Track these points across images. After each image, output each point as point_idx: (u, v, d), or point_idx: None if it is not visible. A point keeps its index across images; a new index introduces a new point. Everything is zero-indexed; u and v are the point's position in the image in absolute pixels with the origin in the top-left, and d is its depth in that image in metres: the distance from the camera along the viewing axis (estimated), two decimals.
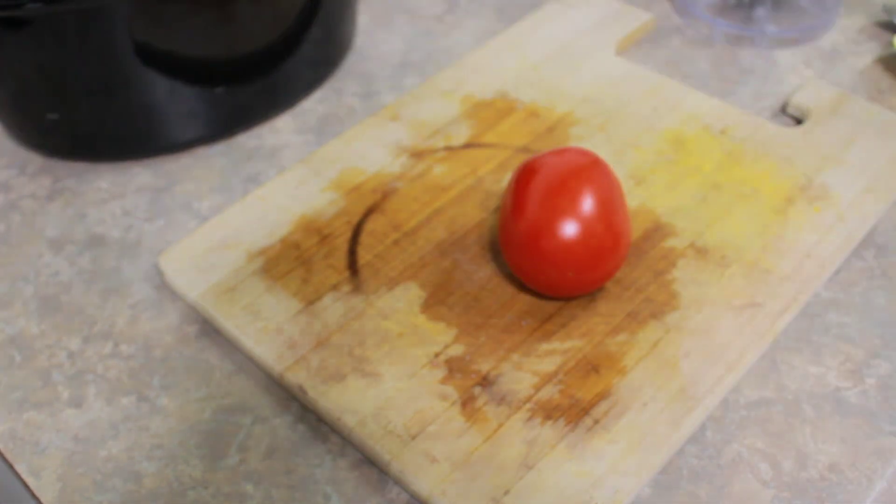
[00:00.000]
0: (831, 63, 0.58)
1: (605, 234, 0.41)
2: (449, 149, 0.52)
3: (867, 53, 0.59)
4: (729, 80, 0.58)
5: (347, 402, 0.40)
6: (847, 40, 0.60)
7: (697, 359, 0.41)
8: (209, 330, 0.45)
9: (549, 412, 0.40)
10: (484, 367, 0.41)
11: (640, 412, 0.39)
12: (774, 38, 0.60)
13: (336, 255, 0.47)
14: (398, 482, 0.39)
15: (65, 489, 0.39)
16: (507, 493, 0.37)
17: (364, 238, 0.48)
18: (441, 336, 0.43)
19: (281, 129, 0.57)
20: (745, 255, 0.45)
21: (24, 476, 0.40)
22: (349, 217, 0.49)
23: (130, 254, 0.49)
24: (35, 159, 0.56)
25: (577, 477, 0.37)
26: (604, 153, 0.51)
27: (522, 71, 0.58)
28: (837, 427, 0.40)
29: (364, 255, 0.47)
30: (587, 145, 0.52)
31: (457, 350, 0.42)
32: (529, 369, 0.41)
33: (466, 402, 0.40)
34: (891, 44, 0.59)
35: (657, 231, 0.47)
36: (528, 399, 0.40)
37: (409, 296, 0.45)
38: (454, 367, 0.41)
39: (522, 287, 0.45)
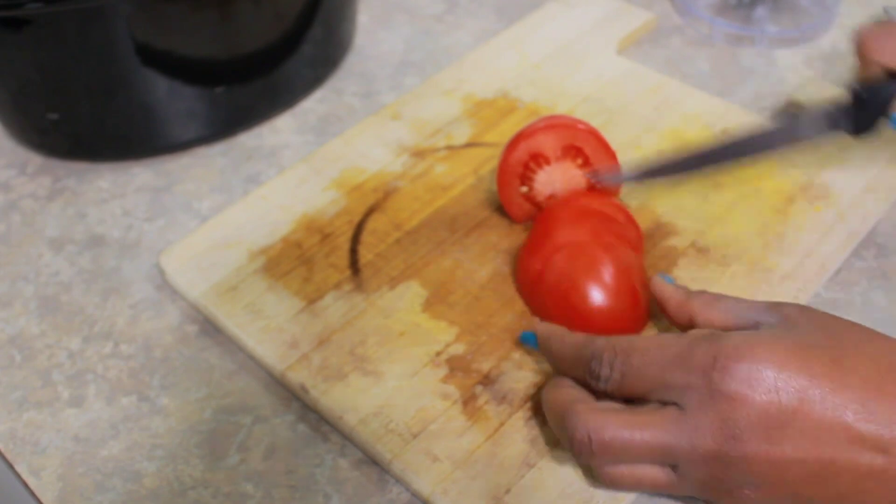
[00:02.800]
0: (831, 63, 0.58)
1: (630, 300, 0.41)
2: (450, 148, 0.52)
3: None
4: (729, 79, 0.58)
5: (349, 400, 0.40)
6: (847, 40, 0.60)
7: None
8: (209, 329, 0.45)
9: None
10: (485, 365, 0.41)
11: None
12: (774, 38, 0.60)
13: (337, 254, 0.47)
14: (399, 481, 0.38)
15: (65, 489, 0.39)
16: (508, 491, 0.37)
17: (365, 237, 0.48)
18: (442, 335, 0.43)
19: (281, 129, 0.57)
20: (746, 254, 0.45)
21: (24, 476, 0.40)
22: (350, 216, 0.49)
23: (130, 254, 0.49)
24: (35, 159, 0.56)
25: (579, 476, 0.37)
26: None
27: (523, 70, 0.58)
28: None
29: (365, 254, 0.47)
30: None
31: (458, 349, 0.42)
32: (531, 368, 0.41)
33: (468, 401, 0.40)
34: None
35: (658, 230, 0.47)
36: (530, 398, 0.40)
37: (410, 295, 0.44)
38: (455, 366, 0.41)
39: None
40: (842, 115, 0.42)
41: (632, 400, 0.35)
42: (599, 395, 0.36)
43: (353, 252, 0.47)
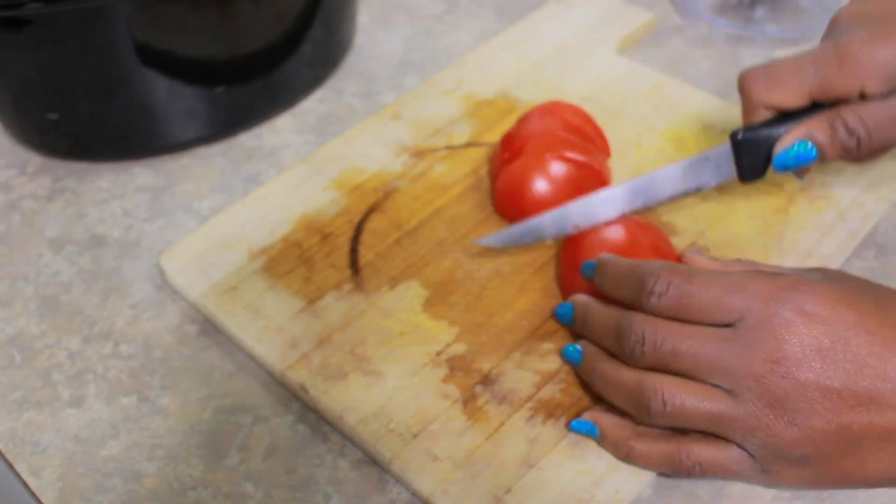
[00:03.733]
0: None
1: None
2: (450, 148, 0.52)
3: None
4: (729, 79, 0.58)
5: (349, 400, 0.40)
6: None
7: None
8: (209, 329, 0.45)
9: (550, 411, 0.39)
10: (485, 365, 0.41)
11: None
12: (774, 38, 0.60)
13: (337, 254, 0.47)
14: (399, 481, 0.38)
15: (65, 489, 0.39)
16: (508, 491, 0.37)
17: (365, 237, 0.48)
18: (442, 335, 0.43)
19: (281, 129, 0.57)
20: (746, 253, 0.45)
21: (24, 476, 0.40)
22: (350, 216, 0.49)
23: (130, 254, 0.49)
24: (35, 159, 0.56)
25: (579, 476, 0.37)
26: None
27: (523, 70, 0.58)
28: None
29: (365, 254, 0.47)
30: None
31: (458, 349, 0.42)
32: (531, 368, 0.41)
33: (468, 401, 0.40)
34: None
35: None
36: (530, 398, 0.40)
37: (410, 295, 0.44)
38: (456, 366, 0.41)
39: (524, 286, 0.45)
40: (727, 162, 0.43)
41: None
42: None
43: (353, 252, 0.47)
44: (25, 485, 0.40)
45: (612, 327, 0.37)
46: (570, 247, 0.44)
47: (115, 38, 0.49)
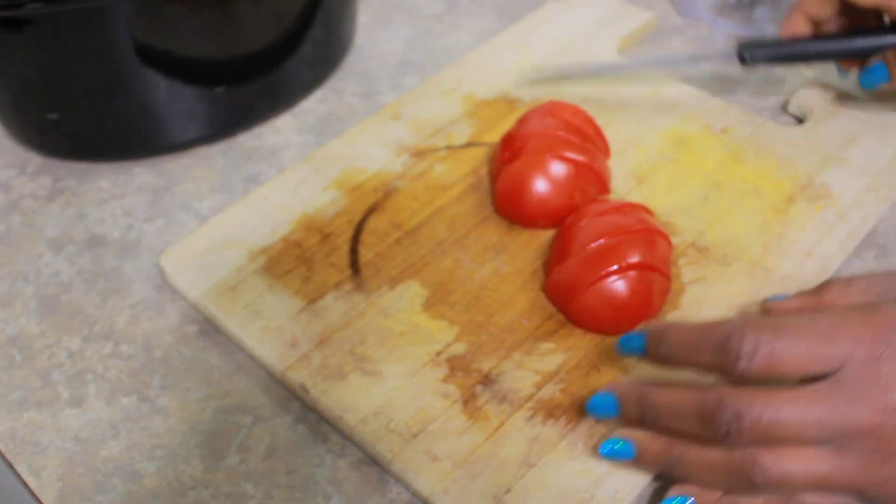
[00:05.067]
0: (831, 63, 0.58)
1: None
2: (450, 148, 0.52)
3: None
4: (729, 79, 0.58)
5: (349, 400, 0.40)
6: None
7: None
8: (209, 330, 0.45)
9: (550, 411, 0.39)
10: (485, 365, 0.41)
11: None
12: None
13: (337, 253, 0.47)
14: (399, 481, 0.38)
15: (65, 489, 0.39)
16: (508, 491, 0.37)
17: (365, 237, 0.48)
18: (442, 335, 0.43)
19: (281, 129, 0.57)
20: (746, 254, 0.45)
21: (24, 476, 0.40)
22: (350, 216, 0.49)
23: (130, 254, 0.49)
24: (35, 159, 0.56)
25: (579, 476, 0.37)
26: None
27: (523, 70, 0.58)
28: None
29: (365, 254, 0.47)
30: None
31: (458, 349, 0.42)
32: (531, 368, 0.41)
33: (468, 401, 0.40)
34: None
35: None
36: (530, 398, 0.40)
37: (410, 294, 0.44)
38: (456, 366, 0.41)
39: (524, 286, 0.45)
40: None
41: None
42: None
43: (353, 252, 0.47)
44: (25, 485, 0.40)
45: (689, 409, 0.33)
46: (560, 239, 0.44)
47: (115, 38, 0.49)
